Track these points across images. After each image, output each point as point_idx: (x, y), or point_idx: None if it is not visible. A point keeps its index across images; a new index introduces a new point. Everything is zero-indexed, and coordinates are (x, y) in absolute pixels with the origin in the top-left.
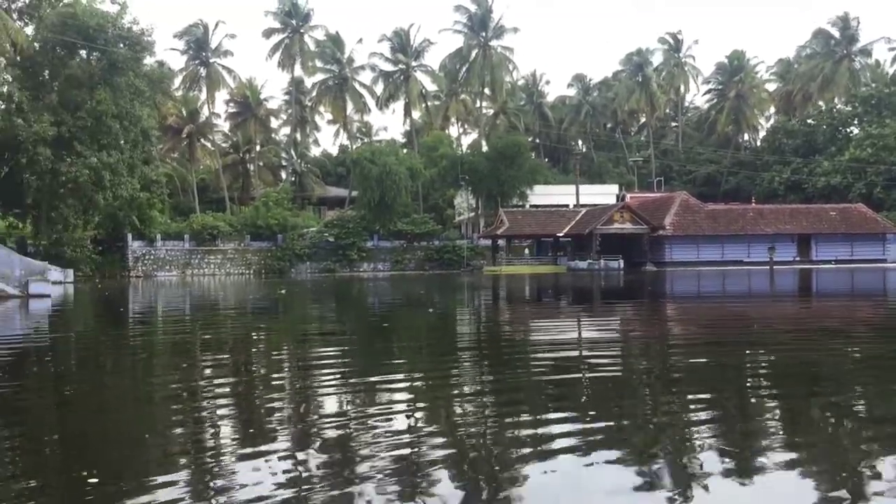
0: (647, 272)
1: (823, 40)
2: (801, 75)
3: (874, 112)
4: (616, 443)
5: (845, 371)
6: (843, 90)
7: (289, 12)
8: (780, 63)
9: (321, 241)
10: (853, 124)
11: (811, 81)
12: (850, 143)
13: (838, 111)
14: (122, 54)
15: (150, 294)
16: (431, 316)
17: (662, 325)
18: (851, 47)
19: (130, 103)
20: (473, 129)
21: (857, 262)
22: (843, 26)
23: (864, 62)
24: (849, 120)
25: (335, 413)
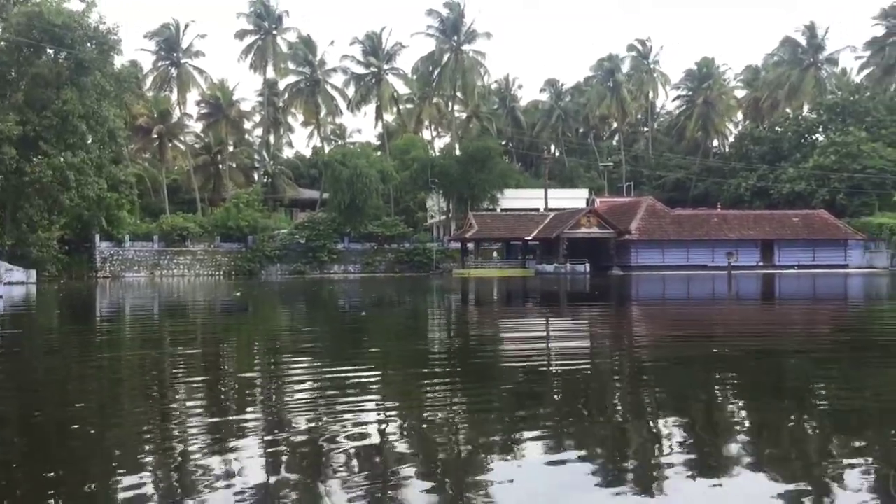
0: (613, 276)
1: (791, 48)
2: (768, 83)
3: (838, 120)
4: (584, 444)
5: (799, 368)
6: (809, 98)
7: (261, 14)
8: (749, 70)
9: (292, 243)
10: (818, 132)
11: (778, 89)
12: (815, 151)
13: (804, 118)
14: (88, 54)
15: (107, 295)
16: (373, 318)
17: (620, 326)
18: (818, 55)
19: (97, 103)
20: (446, 133)
21: (819, 268)
22: (810, 35)
23: (830, 70)
24: (814, 127)
25: (283, 421)
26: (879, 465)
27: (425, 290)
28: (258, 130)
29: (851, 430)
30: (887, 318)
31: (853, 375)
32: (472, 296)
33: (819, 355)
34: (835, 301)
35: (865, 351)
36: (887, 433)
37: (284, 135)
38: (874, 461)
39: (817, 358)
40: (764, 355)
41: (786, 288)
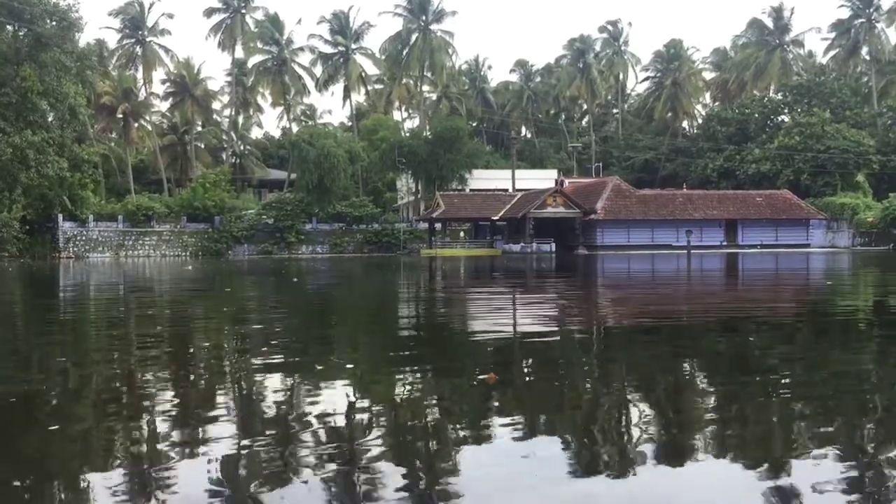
0: (579, 255)
1: (758, 30)
2: (736, 64)
3: (804, 101)
4: (549, 421)
5: (754, 345)
6: (775, 79)
7: None
8: (717, 52)
9: (259, 224)
10: (784, 113)
11: (745, 70)
12: (780, 132)
13: (770, 100)
14: (48, 30)
15: (62, 274)
16: (328, 294)
17: (574, 303)
18: (784, 37)
19: (57, 80)
20: (417, 114)
21: (782, 247)
22: (776, 16)
23: (796, 52)
24: (780, 108)
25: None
26: (843, 442)
27: (388, 267)
28: (227, 111)
29: (813, 407)
30: (844, 295)
31: (813, 350)
32: (434, 273)
33: (771, 333)
34: (791, 279)
35: (822, 325)
36: (849, 409)
37: (254, 115)
38: (839, 437)
39: (770, 334)
40: (718, 331)
41: (741, 266)
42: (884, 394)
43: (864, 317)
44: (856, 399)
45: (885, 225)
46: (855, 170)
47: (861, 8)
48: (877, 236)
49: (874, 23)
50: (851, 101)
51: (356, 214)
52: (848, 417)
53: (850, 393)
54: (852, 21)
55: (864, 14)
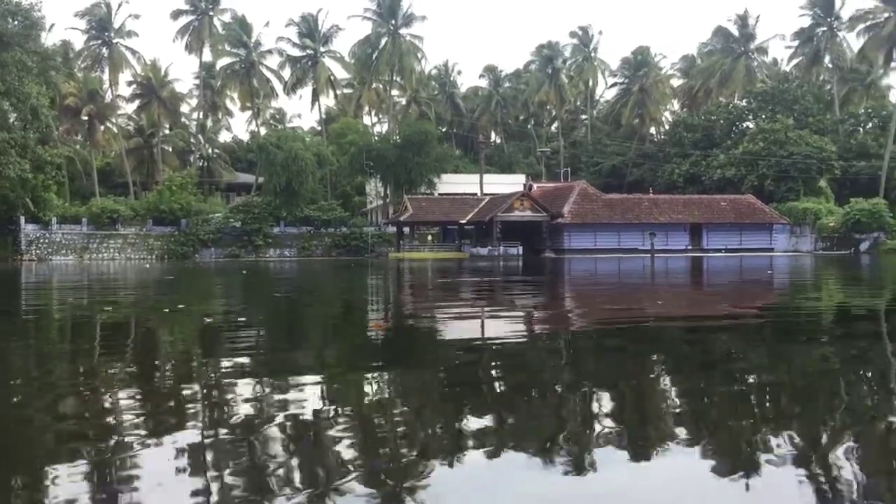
0: (545, 258)
1: (723, 38)
2: (702, 71)
3: (768, 108)
4: (518, 420)
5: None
6: (740, 86)
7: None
8: (684, 59)
9: (227, 227)
10: (748, 119)
11: (711, 77)
12: (745, 138)
13: (735, 106)
14: (9, 29)
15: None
16: (284, 295)
17: (533, 304)
18: (749, 45)
19: (19, 80)
20: (387, 118)
21: (746, 251)
22: (741, 24)
23: (760, 59)
24: (744, 115)
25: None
26: (805, 440)
27: (354, 270)
28: (195, 114)
29: (775, 404)
30: (801, 298)
31: (775, 350)
32: (400, 275)
33: (728, 333)
34: (750, 281)
35: (783, 326)
36: (809, 406)
37: (222, 119)
38: (801, 435)
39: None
40: (682, 330)
41: (702, 267)
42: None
43: (810, 317)
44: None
45: (846, 230)
46: (817, 175)
47: (822, 17)
48: (838, 240)
49: (836, 31)
50: (814, 108)
51: (325, 218)
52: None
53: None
54: (814, 29)
55: (826, 23)
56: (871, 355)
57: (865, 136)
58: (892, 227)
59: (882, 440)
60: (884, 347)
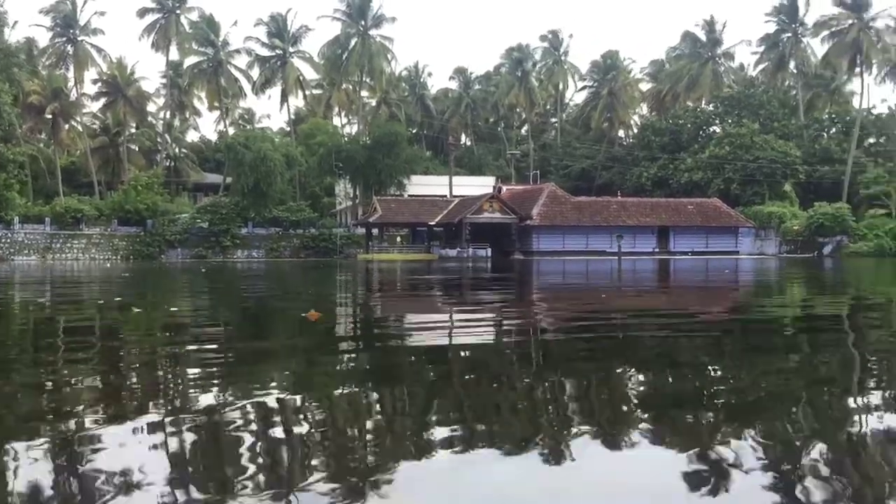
0: (514, 260)
1: (691, 43)
2: (670, 75)
3: (734, 112)
4: (487, 417)
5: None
6: (707, 91)
7: None
8: (653, 64)
9: (193, 227)
10: (715, 123)
11: (679, 82)
12: (712, 142)
13: (702, 111)
14: None
15: None
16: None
17: (502, 303)
18: (716, 50)
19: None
20: (356, 119)
21: (712, 254)
22: (709, 30)
23: (727, 65)
24: (711, 119)
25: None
26: (772, 440)
27: (319, 271)
28: (162, 113)
29: (741, 405)
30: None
31: (739, 353)
32: (368, 276)
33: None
34: (717, 283)
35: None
36: (774, 408)
37: (190, 118)
38: (767, 435)
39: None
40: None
41: (666, 269)
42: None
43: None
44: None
45: (809, 233)
46: (782, 179)
47: (787, 23)
48: (802, 244)
49: (800, 37)
50: (779, 113)
51: (293, 219)
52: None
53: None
54: (779, 35)
55: (791, 29)
56: (812, 359)
57: (829, 142)
58: (854, 230)
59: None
60: (829, 350)
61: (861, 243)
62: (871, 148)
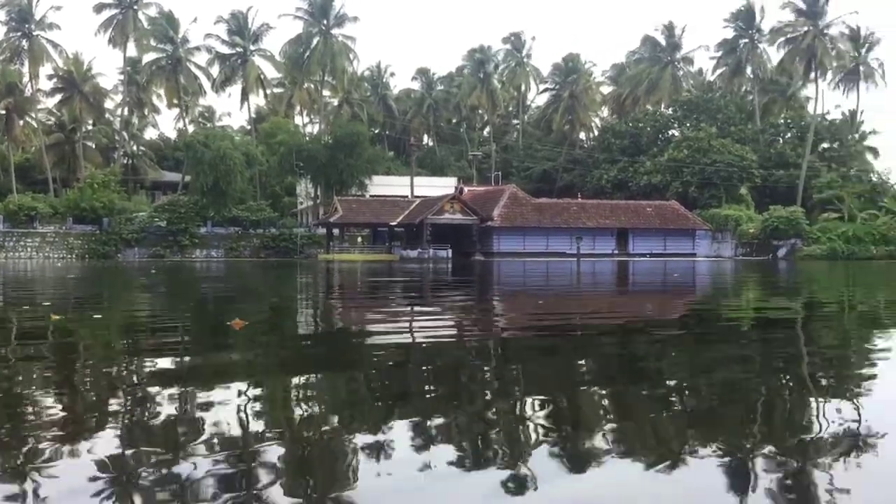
0: (475, 261)
1: (651, 47)
2: (630, 79)
3: (692, 116)
4: (449, 427)
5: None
6: (667, 95)
7: None
8: (614, 67)
9: (151, 226)
10: (674, 127)
11: (639, 85)
12: (670, 145)
13: (661, 114)
14: None
15: None
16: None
17: (457, 304)
18: (675, 54)
19: None
20: (318, 119)
21: (670, 256)
22: (668, 34)
23: (686, 69)
24: (670, 123)
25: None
26: (729, 446)
27: (277, 271)
28: (120, 110)
29: (700, 411)
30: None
31: (695, 354)
32: (328, 276)
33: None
34: (669, 286)
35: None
36: (731, 413)
37: (149, 115)
38: (724, 441)
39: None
40: (602, 333)
41: (620, 271)
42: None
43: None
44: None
45: (765, 236)
46: (739, 183)
47: (744, 29)
48: (758, 246)
49: (757, 43)
50: (736, 118)
51: (253, 218)
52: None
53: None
54: (737, 41)
55: (748, 35)
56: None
57: (784, 146)
58: (808, 234)
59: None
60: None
61: (814, 246)
62: (824, 153)
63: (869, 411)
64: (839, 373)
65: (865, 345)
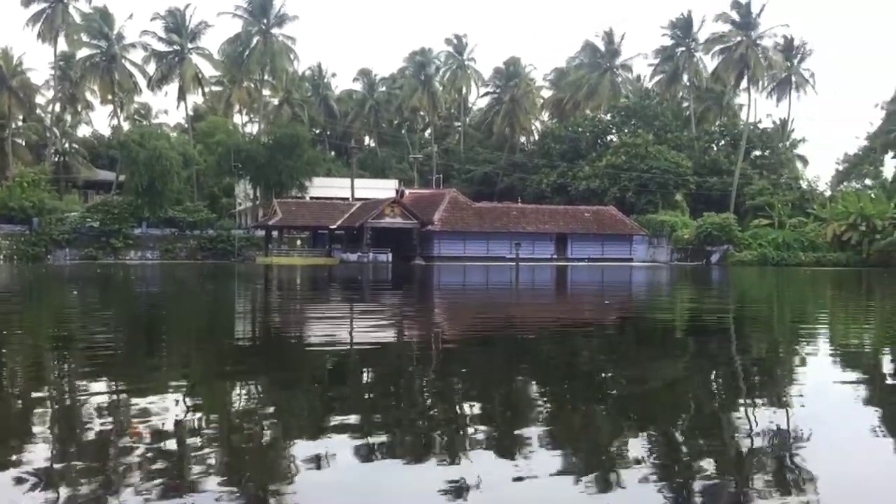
0: (415, 265)
1: (591, 52)
2: (570, 84)
3: (630, 122)
4: (390, 430)
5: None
6: (605, 100)
7: None
8: (555, 71)
9: (83, 227)
10: (612, 133)
11: (579, 90)
12: (608, 151)
13: (600, 120)
14: None
15: None
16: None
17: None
18: (614, 61)
19: None
20: (258, 118)
21: (608, 261)
22: (608, 41)
23: (625, 76)
24: (609, 128)
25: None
26: (667, 446)
27: (209, 276)
28: (52, 106)
29: (638, 412)
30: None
31: (633, 357)
32: (264, 282)
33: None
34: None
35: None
36: (668, 412)
37: (82, 112)
38: (662, 441)
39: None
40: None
41: (558, 277)
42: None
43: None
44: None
45: (699, 241)
46: (675, 189)
47: (682, 38)
48: (692, 252)
49: (693, 52)
50: (672, 125)
51: (190, 220)
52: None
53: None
54: (674, 49)
55: (685, 44)
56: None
57: (718, 153)
58: (740, 240)
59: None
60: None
61: (746, 252)
62: (756, 161)
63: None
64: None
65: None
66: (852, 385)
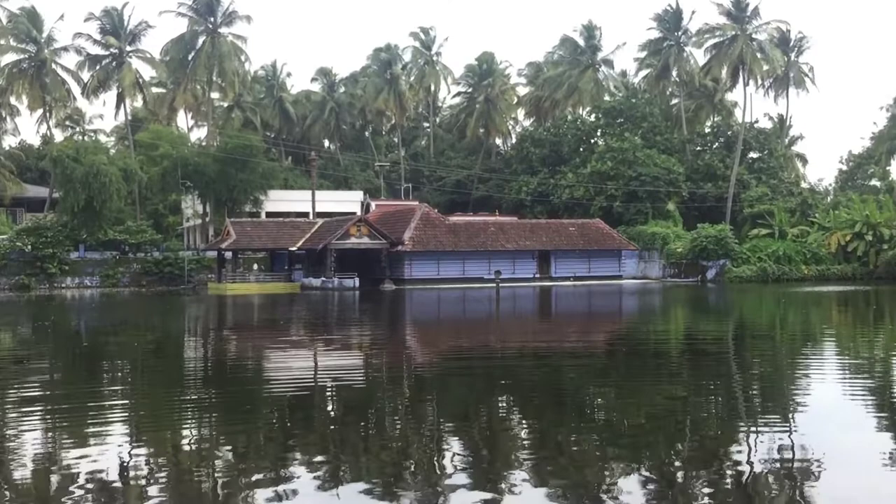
0: (385, 291)
1: (570, 48)
2: (548, 81)
3: (616, 123)
4: (362, 464)
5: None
6: (588, 98)
7: None
8: (531, 66)
9: (13, 252)
10: (597, 135)
11: (558, 88)
12: (593, 156)
13: (583, 122)
14: None
15: None
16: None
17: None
18: (596, 56)
19: None
20: (205, 123)
21: (595, 279)
22: (587, 35)
23: (608, 72)
24: (593, 131)
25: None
26: (654, 470)
27: (150, 313)
28: None
29: (623, 440)
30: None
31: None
32: (214, 324)
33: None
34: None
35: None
36: (656, 438)
37: (8, 120)
38: (651, 464)
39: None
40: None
41: (537, 303)
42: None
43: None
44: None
45: (693, 255)
46: (666, 198)
47: (670, 31)
48: (686, 267)
49: (683, 46)
50: (662, 126)
51: (133, 241)
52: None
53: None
54: (662, 42)
55: (674, 37)
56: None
57: (713, 157)
58: (737, 254)
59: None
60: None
61: (744, 267)
62: (753, 164)
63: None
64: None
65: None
66: None
